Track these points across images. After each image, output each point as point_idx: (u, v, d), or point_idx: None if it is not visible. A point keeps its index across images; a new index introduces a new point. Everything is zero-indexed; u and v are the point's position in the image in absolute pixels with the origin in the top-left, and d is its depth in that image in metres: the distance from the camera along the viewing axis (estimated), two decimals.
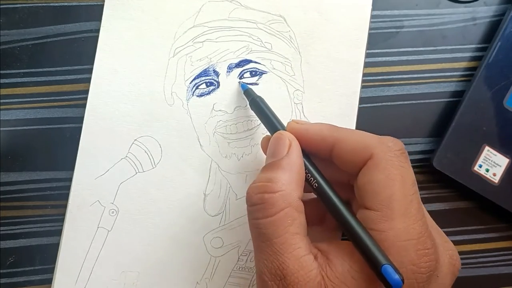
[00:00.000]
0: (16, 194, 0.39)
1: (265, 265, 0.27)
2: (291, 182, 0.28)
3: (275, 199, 0.27)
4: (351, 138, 0.29)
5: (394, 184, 0.27)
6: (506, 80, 0.39)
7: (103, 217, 0.38)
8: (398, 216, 0.26)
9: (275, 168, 0.29)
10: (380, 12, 0.41)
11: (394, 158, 0.28)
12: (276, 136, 0.31)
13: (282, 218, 0.27)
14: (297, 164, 0.29)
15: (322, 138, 0.30)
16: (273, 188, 0.28)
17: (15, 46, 0.40)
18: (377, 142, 0.29)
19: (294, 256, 0.27)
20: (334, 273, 0.26)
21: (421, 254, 0.26)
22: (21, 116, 0.39)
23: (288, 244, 0.27)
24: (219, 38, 0.39)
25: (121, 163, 0.38)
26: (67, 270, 0.37)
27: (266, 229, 0.27)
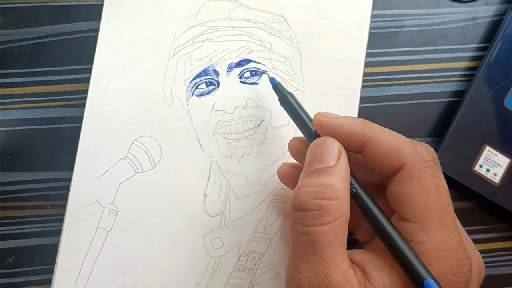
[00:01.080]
0: (15, 194, 0.39)
1: (306, 277, 0.26)
2: (345, 192, 0.27)
3: (333, 207, 0.26)
4: (383, 140, 0.28)
5: (430, 195, 0.27)
6: (507, 79, 0.39)
7: (103, 217, 0.37)
8: (436, 227, 0.26)
9: (327, 175, 0.27)
10: (381, 12, 0.41)
11: (428, 168, 0.27)
12: (322, 142, 0.29)
13: (336, 228, 0.26)
14: (347, 174, 0.28)
15: (353, 135, 0.29)
16: (331, 195, 0.27)
17: (14, 46, 0.40)
18: (410, 150, 0.28)
19: (341, 269, 0.26)
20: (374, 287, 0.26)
21: (461, 264, 0.26)
22: (21, 116, 0.39)
23: (337, 256, 0.26)
24: (219, 38, 0.39)
25: (121, 163, 0.38)
26: (66, 270, 0.37)
27: (317, 237, 0.26)
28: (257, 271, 0.37)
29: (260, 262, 0.38)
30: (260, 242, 0.38)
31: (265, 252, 0.38)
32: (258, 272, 0.37)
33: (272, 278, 0.38)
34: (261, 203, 0.38)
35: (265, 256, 0.38)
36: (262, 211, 0.38)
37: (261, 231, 0.38)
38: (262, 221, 0.38)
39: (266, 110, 0.39)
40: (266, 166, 0.38)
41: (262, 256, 0.38)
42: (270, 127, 0.38)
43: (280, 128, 0.38)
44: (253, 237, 0.38)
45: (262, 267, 0.38)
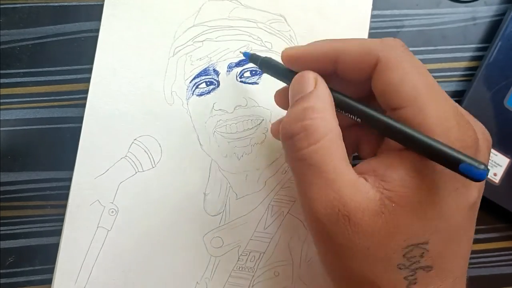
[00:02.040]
0: (16, 194, 0.39)
1: (317, 200, 0.25)
2: (327, 109, 0.27)
3: (317, 125, 0.26)
4: (352, 46, 0.28)
5: (412, 75, 0.26)
6: (507, 80, 0.39)
7: (103, 216, 0.38)
8: (428, 103, 0.26)
9: (306, 99, 0.27)
10: (380, 12, 0.41)
11: (402, 53, 0.27)
12: (299, 75, 0.29)
13: (328, 144, 0.26)
14: (327, 94, 0.28)
15: (323, 54, 0.29)
16: (312, 114, 0.26)
17: (15, 46, 0.40)
18: (380, 44, 0.28)
19: (349, 181, 0.25)
20: (391, 183, 0.25)
21: (463, 129, 0.26)
22: (21, 116, 0.39)
23: (340, 170, 0.26)
24: (219, 38, 0.39)
25: (121, 163, 0.38)
26: (67, 270, 0.37)
27: (312, 158, 0.26)
28: (257, 271, 0.37)
29: (260, 262, 0.38)
30: (260, 241, 0.38)
31: (265, 251, 0.38)
32: (258, 271, 0.37)
33: (272, 278, 0.38)
34: (261, 202, 0.38)
35: (265, 255, 0.38)
36: (262, 210, 0.38)
37: (261, 230, 0.38)
38: (262, 220, 0.38)
39: (266, 110, 0.39)
40: (266, 166, 0.38)
41: (262, 255, 0.38)
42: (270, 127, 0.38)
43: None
44: (253, 237, 0.38)
45: (262, 266, 0.38)
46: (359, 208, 0.25)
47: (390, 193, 0.25)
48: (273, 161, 0.38)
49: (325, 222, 0.25)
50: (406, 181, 0.25)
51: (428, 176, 0.25)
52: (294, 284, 0.38)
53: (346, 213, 0.25)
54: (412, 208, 0.25)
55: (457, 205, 0.26)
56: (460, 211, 0.26)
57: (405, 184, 0.25)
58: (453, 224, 0.26)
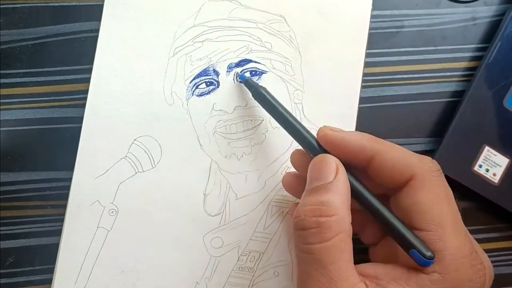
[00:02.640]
0: (16, 194, 0.39)
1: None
2: (343, 207, 0.27)
3: (331, 223, 0.27)
4: (392, 154, 0.29)
5: (442, 203, 0.27)
6: (506, 80, 0.39)
7: (103, 217, 0.38)
8: (451, 234, 0.27)
9: (325, 192, 0.28)
10: (380, 12, 0.41)
11: (437, 178, 0.28)
12: (320, 159, 0.29)
13: (338, 243, 0.26)
14: (346, 188, 0.28)
15: (361, 149, 0.29)
16: (329, 211, 0.27)
17: (15, 46, 0.40)
18: (418, 161, 0.28)
19: (349, 284, 0.26)
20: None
21: (475, 270, 0.26)
22: (21, 116, 0.39)
23: (343, 271, 0.26)
24: (219, 38, 0.39)
25: (121, 163, 0.38)
26: (67, 270, 0.37)
27: (321, 255, 0.26)
28: (257, 271, 0.38)
29: (260, 262, 0.38)
30: (259, 241, 0.38)
31: (265, 251, 0.38)
32: (258, 271, 0.38)
33: (271, 278, 0.38)
34: (261, 202, 0.38)
35: (265, 255, 0.38)
36: (261, 210, 0.38)
37: (261, 230, 0.38)
38: (262, 220, 0.38)
39: None
40: (266, 166, 0.38)
41: (261, 255, 0.38)
42: (270, 127, 0.39)
43: (280, 128, 0.38)
44: (252, 237, 0.38)
45: (261, 266, 0.38)
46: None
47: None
48: (273, 161, 0.38)
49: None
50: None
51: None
52: (293, 284, 0.38)
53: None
54: None
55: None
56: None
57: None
58: None
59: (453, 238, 0.26)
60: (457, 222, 0.27)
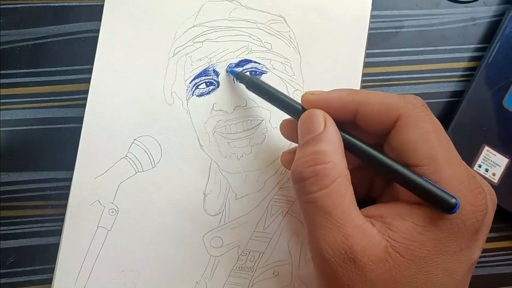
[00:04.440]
0: (16, 194, 0.39)
1: (325, 241, 0.26)
2: (337, 153, 0.28)
3: (328, 170, 0.27)
4: (374, 101, 0.29)
5: (431, 136, 0.27)
6: (506, 80, 0.39)
7: (103, 216, 0.38)
8: (444, 164, 0.27)
9: (317, 142, 0.28)
10: (380, 12, 0.41)
11: (423, 113, 0.28)
12: (308, 114, 0.30)
13: (337, 188, 0.27)
14: (337, 137, 0.29)
15: (344, 104, 0.30)
16: (323, 159, 0.27)
17: (15, 46, 0.40)
18: (401, 101, 0.29)
19: (356, 226, 0.26)
20: (398, 234, 0.26)
21: (475, 193, 0.27)
22: (21, 116, 0.39)
23: (348, 214, 0.27)
24: (219, 38, 0.39)
25: (121, 163, 0.38)
26: (67, 269, 0.37)
27: (322, 201, 0.27)
28: (257, 270, 0.38)
29: (260, 261, 0.38)
30: (259, 241, 0.38)
31: (265, 251, 0.38)
32: (257, 271, 0.38)
33: (271, 277, 0.38)
34: (261, 202, 0.38)
35: (265, 255, 0.38)
36: (261, 210, 0.38)
37: (261, 230, 0.38)
38: (262, 220, 0.38)
39: (266, 110, 0.39)
40: (266, 166, 0.38)
41: (261, 255, 0.38)
42: (270, 127, 0.39)
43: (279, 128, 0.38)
44: (252, 237, 0.38)
45: (261, 266, 0.38)
46: (364, 252, 0.26)
47: (395, 243, 0.26)
48: (273, 161, 0.38)
49: (332, 262, 0.26)
50: (413, 235, 0.26)
51: (435, 233, 0.26)
52: (293, 283, 0.38)
53: (352, 256, 0.26)
54: (416, 262, 0.26)
55: (461, 263, 0.27)
56: (462, 268, 0.27)
57: (411, 238, 0.26)
58: (456, 280, 0.27)
59: (447, 168, 0.27)
60: (449, 152, 0.27)
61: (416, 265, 0.26)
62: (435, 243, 0.26)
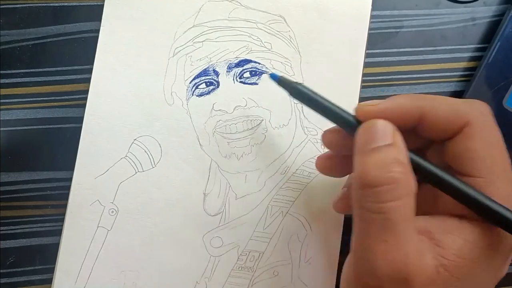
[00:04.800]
0: (16, 194, 0.39)
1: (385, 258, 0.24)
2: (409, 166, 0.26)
3: (404, 180, 0.25)
4: (440, 105, 0.28)
5: (495, 149, 0.27)
6: (506, 80, 0.39)
7: (103, 216, 0.38)
8: (502, 180, 0.26)
9: (389, 150, 0.26)
10: (380, 12, 0.41)
11: (490, 123, 0.27)
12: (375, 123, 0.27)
13: (409, 202, 0.25)
14: (405, 149, 0.26)
15: (406, 112, 0.28)
16: (399, 167, 0.25)
17: (15, 46, 0.40)
18: (470, 107, 0.27)
19: (416, 245, 0.25)
20: (447, 252, 0.25)
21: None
22: (21, 116, 0.39)
23: (410, 232, 0.25)
24: (219, 38, 0.39)
25: (121, 163, 0.38)
26: (67, 269, 0.37)
27: (394, 214, 0.24)
28: (257, 270, 0.38)
29: (260, 261, 0.38)
30: (259, 241, 0.38)
31: (265, 251, 0.38)
32: (257, 271, 0.38)
33: (271, 277, 0.38)
34: (261, 202, 0.38)
35: (265, 255, 0.38)
36: (261, 210, 0.38)
37: (261, 230, 0.38)
38: (262, 220, 0.38)
39: (266, 110, 0.39)
40: (266, 166, 0.38)
41: (261, 255, 0.38)
42: (270, 127, 0.39)
43: (279, 128, 0.38)
44: (252, 237, 0.38)
45: (261, 266, 0.38)
46: (417, 272, 0.24)
47: (446, 261, 0.25)
48: (273, 161, 0.38)
49: (384, 280, 0.24)
50: (464, 252, 0.25)
51: (484, 251, 0.25)
52: (293, 283, 0.38)
53: (406, 276, 0.24)
54: (465, 280, 0.25)
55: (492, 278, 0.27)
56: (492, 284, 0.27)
57: (462, 255, 0.25)
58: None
59: (503, 184, 0.26)
60: (507, 168, 0.27)
61: (464, 283, 0.25)
62: (482, 260, 0.25)
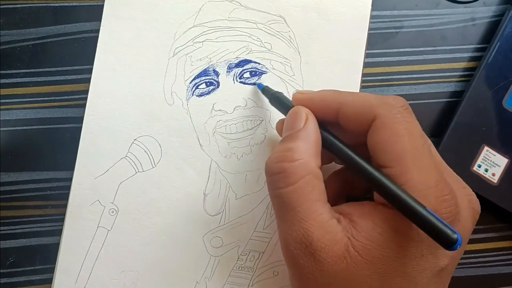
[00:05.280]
0: (16, 194, 0.39)
1: (289, 234, 0.28)
2: (309, 151, 0.29)
3: (295, 168, 0.28)
4: (354, 101, 0.30)
5: (402, 139, 0.28)
6: (505, 80, 0.39)
7: (103, 216, 0.38)
8: (412, 168, 0.27)
9: (292, 139, 0.29)
10: (380, 13, 0.41)
11: (398, 115, 0.28)
12: (292, 111, 0.31)
13: (303, 185, 0.28)
14: (314, 134, 0.30)
15: (327, 104, 0.31)
16: (292, 157, 0.28)
17: (15, 46, 0.40)
18: (379, 102, 0.29)
19: (318, 222, 0.27)
20: (359, 233, 0.27)
21: (440, 200, 0.27)
22: (21, 116, 0.39)
23: (311, 211, 0.27)
24: (219, 38, 0.39)
25: (121, 163, 0.38)
26: (67, 269, 0.37)
27: (288, 198, 0.28)
28: (257, 270, 0.38)
29: (260, 261, 0.38)
30: (259, 241, 0.38)
31: (265, 251, 0.38)
32: (257, 271, 0.38)
33: (271, 277, 0.38)
34: (261, 202, 0.38)
35: (265, 255, 0.38)
36: (261, 210, 0.38)
37: (261, 230, 0.38)
38: (262, 220, 0.38)
39: (266, 110, 0.39)
40: None
41: (261, 255, 0.38)
42: (270, 127, 0.39)
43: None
44: (252, 236, 0.38)
45: (261, 266, 0.38)
46: (324, 248, 0.27)
47: (356, 242, 0.27)
48: None
49: (294, 254, 0.28)
50: (373, 235, 0.27)
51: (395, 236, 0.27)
52: None
53: (312, 251, 0.27)
54: (373, 263, 0.26)
55: (422, 269, 0.27)
56: (425, 275, 0.27)
57: (371, 238, 0.27)
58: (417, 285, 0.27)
59: (414, 172, 0.27)
60: (419, 156, 0.27)
61: (373, 266, 0.26)
62: (392, 246, 0.26)
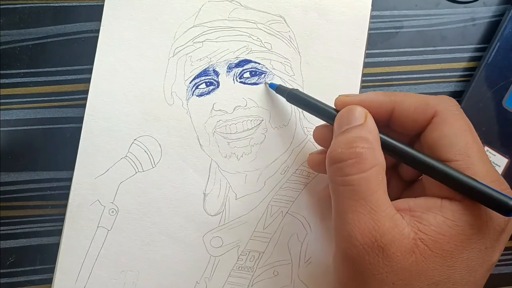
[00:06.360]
0: (16, 194, 0.39)
1: (357, 227, 0.26)
2: (377, 142, 0.28)
3: (369, 154, 0.27)
4: (410, 99, 0.30)
5: (467, 134, 0.28)
6: (505, 80, 0.39)
7: (103, 216, 0.38)
8: (478, 162, 0.27)
9: (357, 130, 0.28)
10: (380, 13, 0.41)
11: (458, 112, 0.29)
12: (349, 109, 0.30)
13: (375, 174, 0.27)
14: (376, 130, 0.29)
15: (379, 104, 0.30)
16: (364, 143, 0.27)
17: (15, 46, 0.40)
18: (437, 100, 0.29)
19: (388, 215, 0.26)
20: (427, 227, 0.26)
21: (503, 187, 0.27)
22: (21, 116, 0.39)
23: (382, 202, 0.26)
24: (219, 38, 0.39)
25: (121, 163, 0.38)
26: (67, 269, 0.37)
27: (360, 185, 0.27)
28: (256, 270, 0.38)
29: (260, 261, 0.38)
30: (259, 241, 0.38)
31: (265, 251, 0.38)
32: (257, 271, 0.38)
33: (271, 277, 0.38)
34: (261, 202, 0.38)
35: (265, 255, 0.38)
36: (261, 210, 0.38)
37: (261, 230, 0.38)
38: (262, 220, 0.38)
39: (266, 110, 0.39)
40: (266, 166, 0.38)
41: (261, 255, 0.38)
42: (270, 127, 0.39)
43: (279, 128, 0.38)
44: (252, 236, 0.38)
45: (261, 266, 0.38)
46: (394, 242, 0.26)
47: (424, 236, 0.26)
48: (273, 161, 0.38)
49: (360, 249, 0.26)
50: (443, 229, 0.26)
51: (464, 229, 0.26)
52: (293, 283, 0.38)
53: (382, 245, 0.26)
54: (442, 256, 0.26)
55: (483, 262, 0.27)
56: (483, 268, 0.27)
57: (441, 232, 0.26)
58: (476, 278, 0.27)
59: (480, 165, 0.27)
60: (481, 150, 0.28)
61: (442, 259, 0.26)
62: (463, 239, 0.26)
